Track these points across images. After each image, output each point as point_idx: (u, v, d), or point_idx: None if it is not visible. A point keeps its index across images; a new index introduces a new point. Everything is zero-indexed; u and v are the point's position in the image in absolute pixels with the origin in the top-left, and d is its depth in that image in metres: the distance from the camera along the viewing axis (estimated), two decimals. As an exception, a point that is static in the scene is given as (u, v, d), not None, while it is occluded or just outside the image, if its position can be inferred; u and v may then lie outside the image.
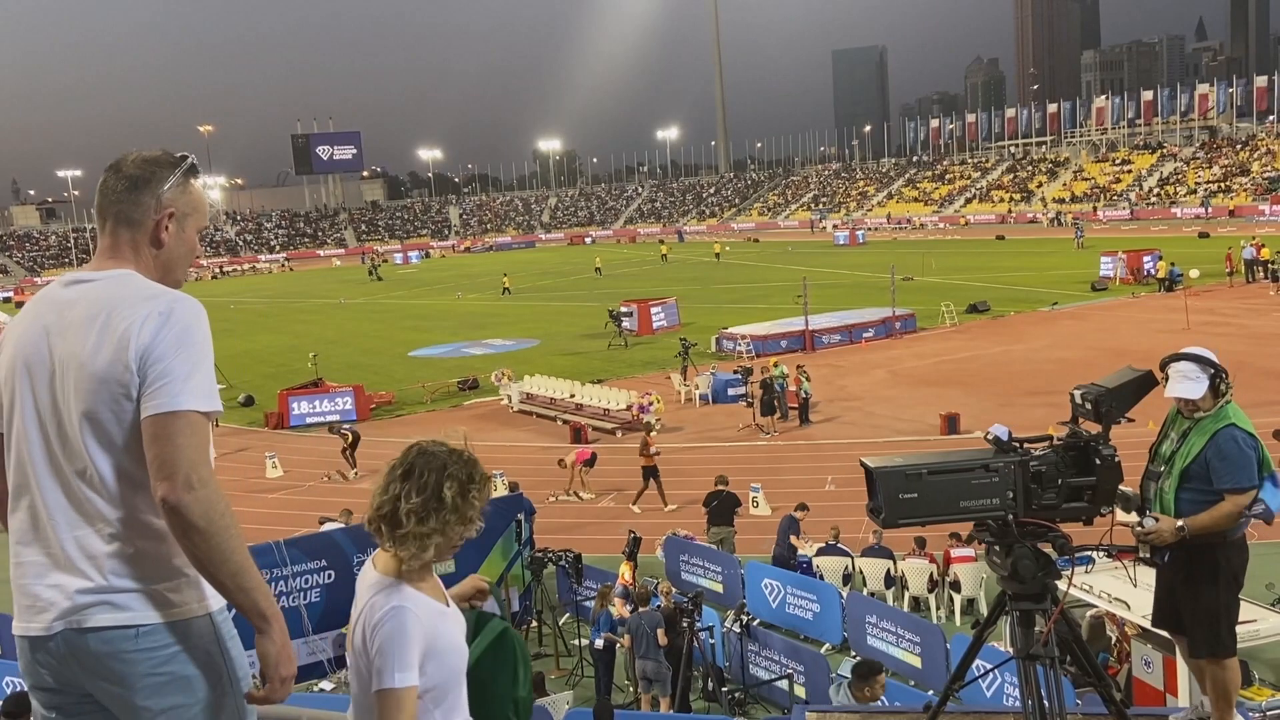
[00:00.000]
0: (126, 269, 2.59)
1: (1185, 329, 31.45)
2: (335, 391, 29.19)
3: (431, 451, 2.77)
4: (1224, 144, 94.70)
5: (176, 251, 2.67)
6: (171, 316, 2.47)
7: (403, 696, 2.57)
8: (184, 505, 2.35)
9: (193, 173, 2.68)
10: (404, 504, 2.66)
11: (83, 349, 2.46)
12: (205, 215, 2.76)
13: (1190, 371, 4.96)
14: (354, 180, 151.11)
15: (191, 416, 2.42)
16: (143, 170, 2.61)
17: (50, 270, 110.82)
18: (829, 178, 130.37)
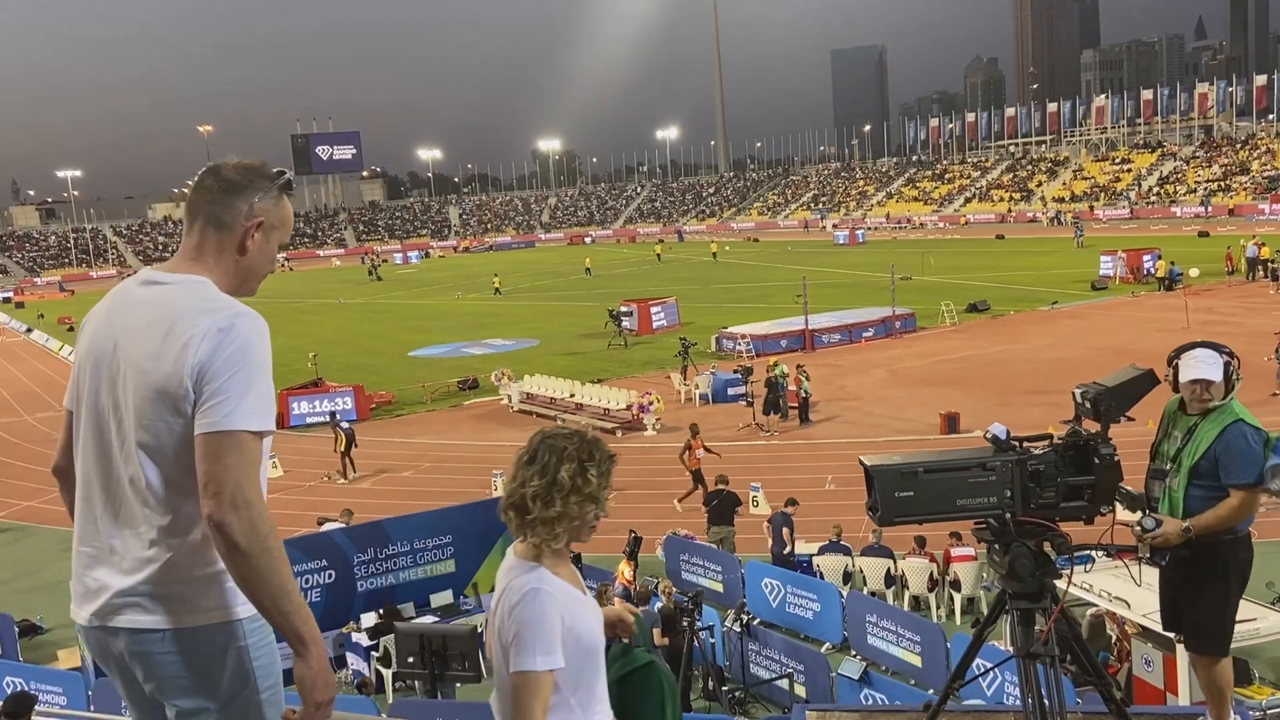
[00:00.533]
0: (201, 275, 2.60)
1: (1185, 328, 31.43)
2: (335, 391, 29.20)
3: (553, 435, 2.86)
4: (1223, 143, 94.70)
5: (258, 261, 2.71)
6: (231, 332, 2.48)
7: (540, 679, 2.62)
8: (228, 524, 2.37)
9: (287, 188, 2.73)
10: (528, 489, 2.76)
11: (144, 356, 2.48)
12: (289, 231, 2.79)
13: (1207, 357, 4.92)
14: (353, 180, 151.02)
15: (242, 436, 2.44)
16: (241, 176, 2.64)
17: (50, 270, 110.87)
18: (829, 177, 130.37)
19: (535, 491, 2.73)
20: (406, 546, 14.43)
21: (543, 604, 2.66)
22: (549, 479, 2.74)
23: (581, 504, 2.76)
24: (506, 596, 2.72)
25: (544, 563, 2.76)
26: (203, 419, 2.42)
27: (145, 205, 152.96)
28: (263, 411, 2.49)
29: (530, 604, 2.67)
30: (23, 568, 18.82)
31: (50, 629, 15.50)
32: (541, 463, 2.78)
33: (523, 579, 2.72)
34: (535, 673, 2.61)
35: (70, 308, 70.97)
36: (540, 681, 2.62)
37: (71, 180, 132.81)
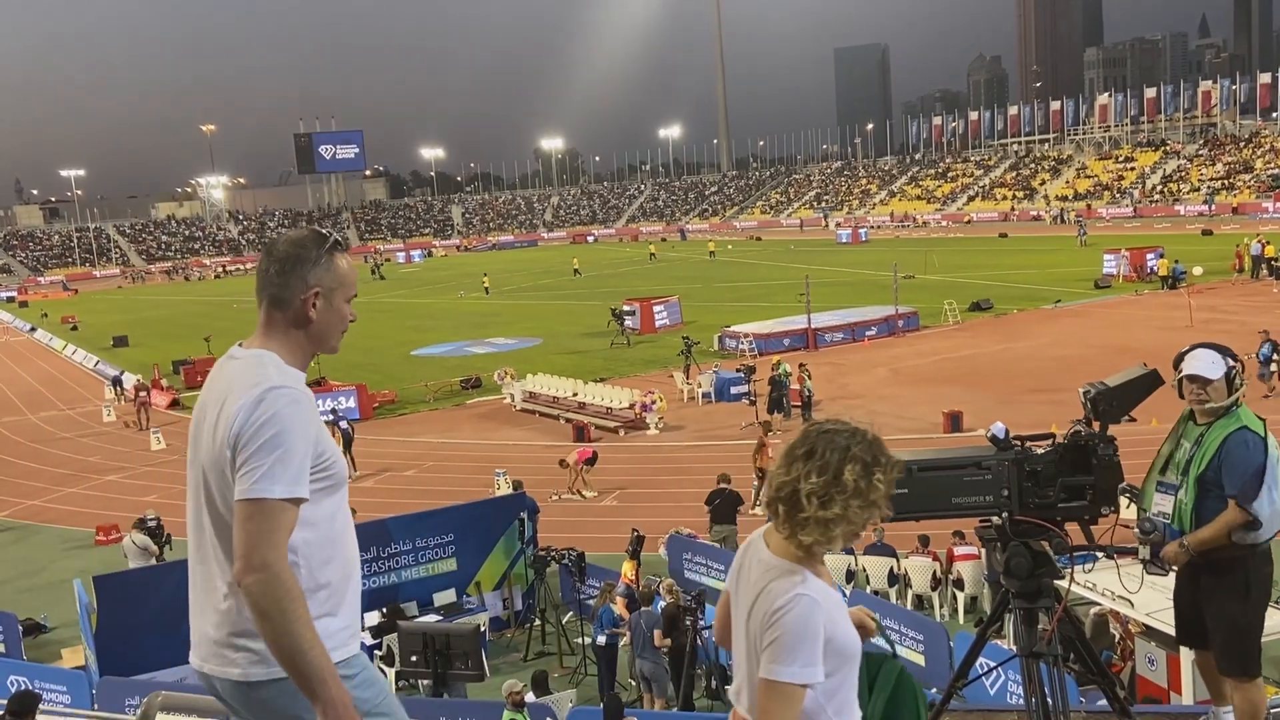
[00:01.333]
0: (267, 349, 2.77)
1: (1188, 326, 31.41)
2: (338, 390, 29.22)
3: (833, 431, 2.67)
4: (1227, 141, 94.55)
5: (327, 323, 2.83)
6: (260, 404, 2.61)
7: (796, 692, 2.52)
8: (245, 587, 2.54)
9: (336, 248, 2.83)
10: (804, 484, 2.59)
11: (208, 428, 2.70)
12: (353, 285, 2.89)
13: (1207, 356, 4.82)
14: (356, 179, 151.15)
15: (265, 503, 2.56)
16: (290, 251, 2.78)
17: (53, 270, 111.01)
18: (831, 176, 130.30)
19: (813, 489, 2.58)
20: (409, 545, 14.44)
21: (810, 613, 2.53)
22: (829, 477, 2.58)
23: (862, 509, 2.60)
24: (767, 598, 2.58)
25: (807, 565, 2.63)
26: (236, 487, 2.59)
27: (148, 204, 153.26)
28: (289, 479, 2.58)
29: (797, 612, 2.53)
30: (26, 566, 18.85)
31: (54, 628, 15.53)
32: (821, 459, 2.60)
33: (787, 581, 2.58)
34: (790, 685, 2.50)
35: (73, 307, 71.11)
36: (794, 694, 2.51)
37: (75, 179, 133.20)
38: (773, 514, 2.68)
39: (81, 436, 30.05)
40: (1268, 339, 23.63)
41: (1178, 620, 5.19)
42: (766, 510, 2.73)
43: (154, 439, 27.55)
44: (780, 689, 2.51)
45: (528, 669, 12.50)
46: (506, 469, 20.64)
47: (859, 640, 2.71)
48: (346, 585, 2.82)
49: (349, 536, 2.85)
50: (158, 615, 12.87)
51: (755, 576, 2.68)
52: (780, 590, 2.57)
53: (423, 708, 10.73)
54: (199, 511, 2.75)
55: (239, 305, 65.84)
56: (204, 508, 2.73)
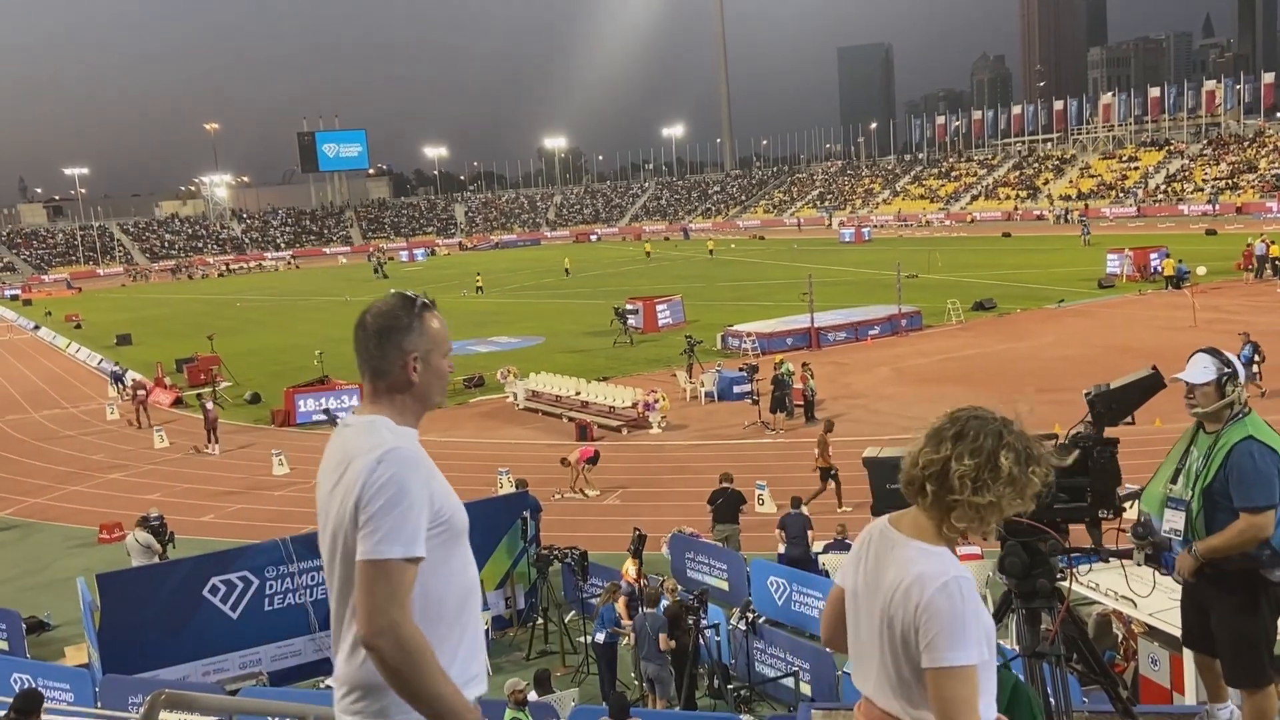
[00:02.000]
0: (377, 414, 2.86)
1: (1192, 326, 31.37)
2: (341, 389, 29.24)
3: (984, 416, 2.64)
4: (1231, 141, 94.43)
5: (428, 384, 2.91)
6: (379, 466, 2.69)
7: (971, 674, 2.49)
8: (373, 647, 2.62)
9: (426, 310, 2.90)
10: (955, 465, 2.56)
11: (330, 493, 2.80)
12: (447, 341, 2.96)
13: (1202, 360, 4.77)
14: (360, 178, 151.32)
15: (386, 564, 2.64)
16: (382, 322, 2.87)
17: (57, 268, 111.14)
18: (834, 175, 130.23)
19: (966, 472, 2.54)
20: (412, 544, 14.43)
21: (970, 594, 2.49)
22: (983, 461, 2.54)
23: (1013, 499, 2.56)
24: (920, 585, 2.52)
25: (949, 544, 2.60)
26: (359, 548, 2.68)
27: (152, 203, 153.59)
28: (407, 539, 2.66)
29: (957, 594, 2.49)
30: (30, 564, 18.88)
31: (57, 626, 15.55)
32: (974, 442, 2.56)
33: (937, 564, 2.54)
34: (966, 668, 2.46)
35: (77, 305, 71.19)
36: (973, 676, 2.48)
37: (79, 178, 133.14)
38: (916, 494, 2.64)
39: (85, 434, 30.08)
40: (1248, 340, 23.56)
41: (1185, 625, 5.13)
42: (906, 490, 2.68)
43: (157, 437, 27.58)
44: (958, 674, 2.48)
45: (530, 668, 12.50)
46: (509, 468, 20.65)
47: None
48: (464, 633, 2.87)
49: (467, 584, 2.91)
50: (161, 613, 12.90)
51: (893, 563, 2.63)
52: (934, 575, 2.53)
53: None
54: (330, 575, 2.85)
55: (242, 304, 65.92)
56: (335, 570, 2.81)
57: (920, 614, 2.51)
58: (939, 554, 2.59)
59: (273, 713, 8.29)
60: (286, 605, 13.63)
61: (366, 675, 2.73)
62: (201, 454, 26.10)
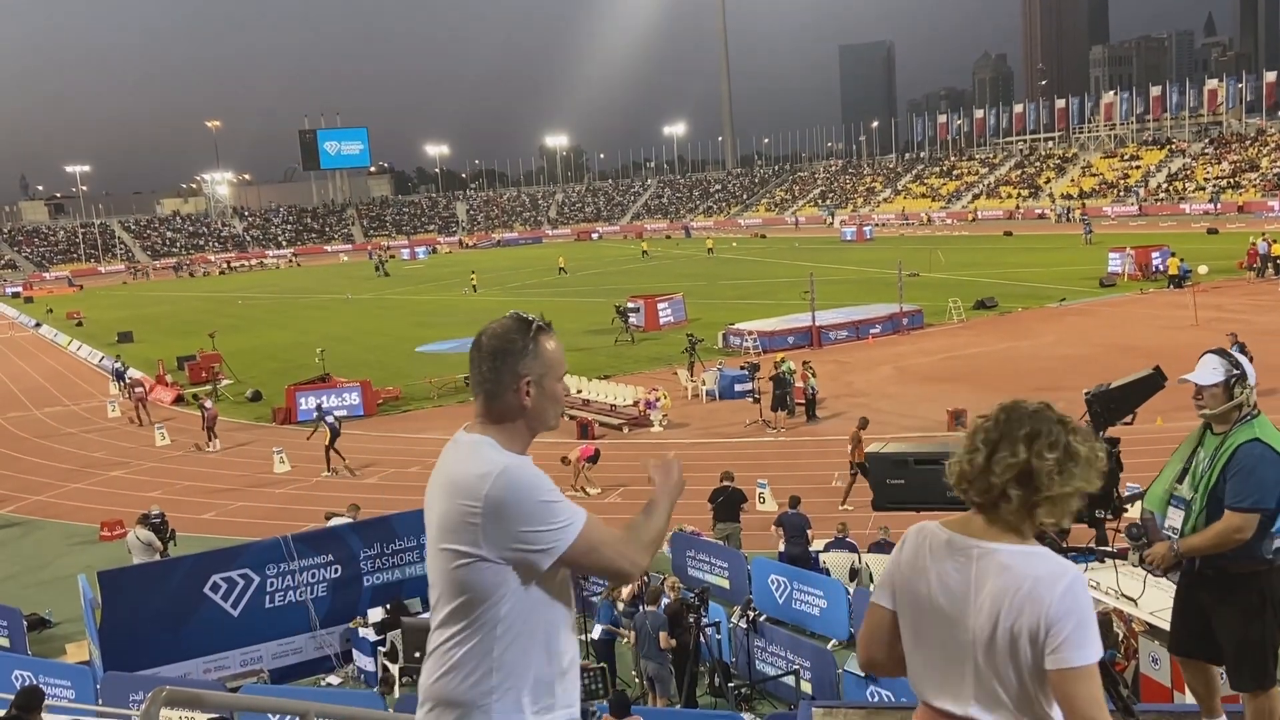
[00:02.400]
0: (487, 435, 2.85)
1: (1193, 325, 31.35)
2: (342, 387, 29.25)
3: (1036, 409, 2.64)
4: (1233, 139, 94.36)
5: (541, 406, 2.89)
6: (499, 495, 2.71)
7: (1096, 671, 2.49)
8: (644, 567, 2.85)
9: (541, 333, 2.89)
10: (1039, 463, 2.55)
11: (437, 513, 2.82)
12: (562, 365, 2.95)
13: (1211, 362, 4.72)
14: (361, 176, 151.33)
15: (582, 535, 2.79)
16: (496, 345, 2.86)
17: (59, 265, 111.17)
18: (836, 173, 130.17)
19: (1051, 468, 2.54)
20: (414, 542, 14.44)
21: (1085, 586, 2.51)
22: (1061, 453, 2.55)
23: (1093, 480, 2.59)
24: (1044, 586, 2.49)
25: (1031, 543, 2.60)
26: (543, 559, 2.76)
27: (154, 201, 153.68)
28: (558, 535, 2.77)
29: (1082, 592, 2.49)
30: (32, 562, 18.90)
31: (59, 623, 15.57)
32: (1049, 437, 2.57)
33: (1054, 565, 2.52)
34: (1092, 665, 2.48)
35: (79, 303, 71.20)
36: (1096, 673, 2.49)
37: (80, 175, 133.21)
38: (997, 499, 2.59)
39: (86, 432, 30.10)
40: (1236, 341, 23.49)
41: (1181, 630, 5.07)
42: (982, 498, 2.62)
43: (158, 434, 27.60)
44: (1088, 672, 2.48)
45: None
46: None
47: None
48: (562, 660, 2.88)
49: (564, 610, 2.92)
50: (162, 611, 12.91)
51: (991, 570, 2.57)
52: (1055, 574, 2.51)
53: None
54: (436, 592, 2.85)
55: (244, 301, 65.94)
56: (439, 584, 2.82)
57: (1051, 615, 2.48)
58: (1043, 554, 2.58)
59: (274, 710, 8.30)
60: (287, 603, 13.63)
61: (447, 690, 2.77)
62: (202, 452, 26.12)
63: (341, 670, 13.67)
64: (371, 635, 13.35)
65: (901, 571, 2.74)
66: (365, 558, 14.14)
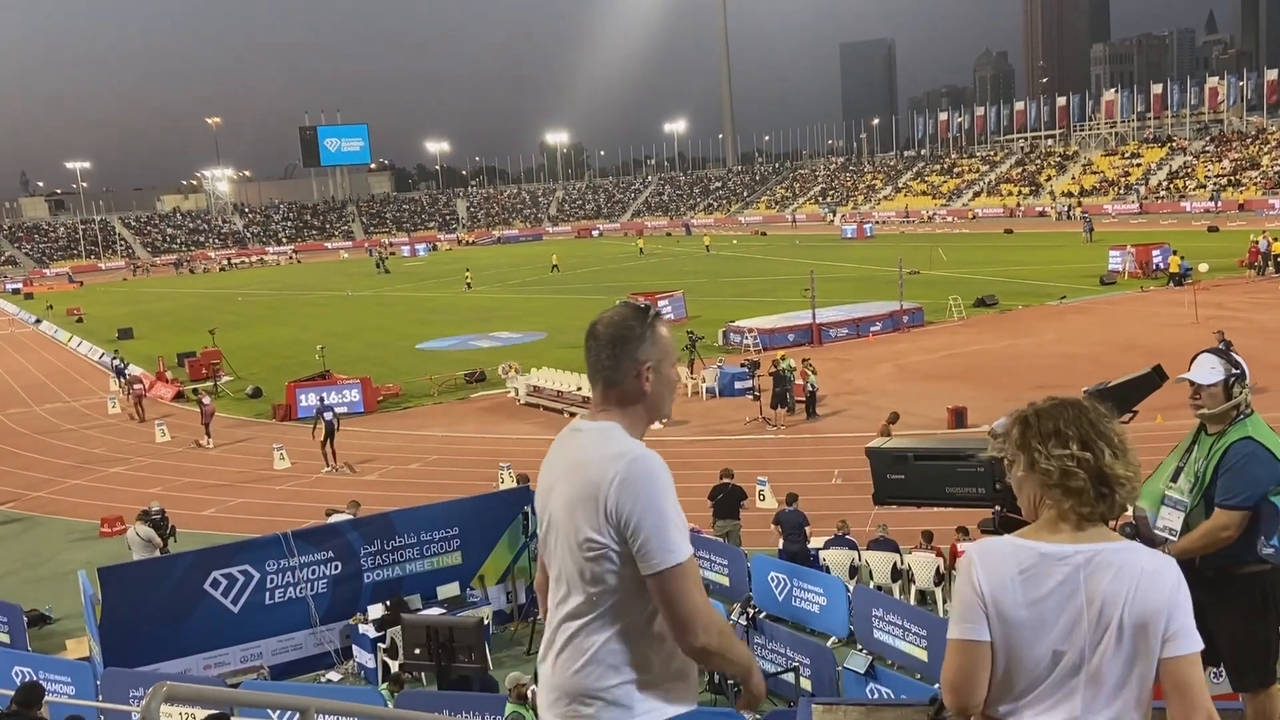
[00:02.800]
0: (610, 421, 2.87)
1: (1194, 323, 31.36)
2: (342, 383, 29.25)
3: (1077, 406, 2.64)
4: (1234, 137, 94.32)
5: (660, 392, 2.91)
6: (633, 482, 2.69)
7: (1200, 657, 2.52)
8: (704, 647, 2.65)
9: (658, 320, 2.95)
10: (1108, 459, 2.56)
11: (565, 500, 2.81)
12: (675, 350, 3.00)
13: (1210, 361, 4.69)
14: (361, 173, 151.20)
15: (678, 570, 2.65)
16: (615, 332, 2.93)
17: (59, 262, 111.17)
18: (836, 171, 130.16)
19: (1114, 460, 2.56)
20: (413, 539, 14.47)
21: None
22: (1114, 443, 2.57)
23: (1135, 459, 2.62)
24: (1156, 577, 2.49)
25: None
26: (643, 564, 2.67)
27: (154, 197, 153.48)
28: (678, 537, 2.68)
29: (1182, 578, 2.52)
30: (32, 558, 18.91)
31: (59, 619, 15.58)
32: (1104, 438, 2.58)
33: (1155, 556, 2.53)
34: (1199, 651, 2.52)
35: (79, 299, 71.21)
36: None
37: (80, 172, 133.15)
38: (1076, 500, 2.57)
39: (86, 428, 30.11)
40: (1223, 339, 23.46)
41: None
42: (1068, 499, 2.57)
43: (158, 431, 27.61)
44: (1199, 658, 2.51)
45: (531, 662, 12.51)
46: (510, 463, 20.66)
47: None
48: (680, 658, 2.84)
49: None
50: (162, 607, 12.93)
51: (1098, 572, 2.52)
52: (1159, 567, 2.52)
53: (426, 699, 10.77)
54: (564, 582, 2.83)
55: (244, 298, 65.93)
56: (567, 576, 2.81)
57: (1170, 605, 2.49)
58: (1138, 548, 2.58)
59: (274, 705, 8.31)
60: (287, 599, 13.66)
61: (583, 684, 2.76)
62: (202, 448, 26.14)
63: (341, 666, 13.68)
64: (372, 632, 13.36)
65: (994, 596, 2.60)
66: (365, 554, 14.16)
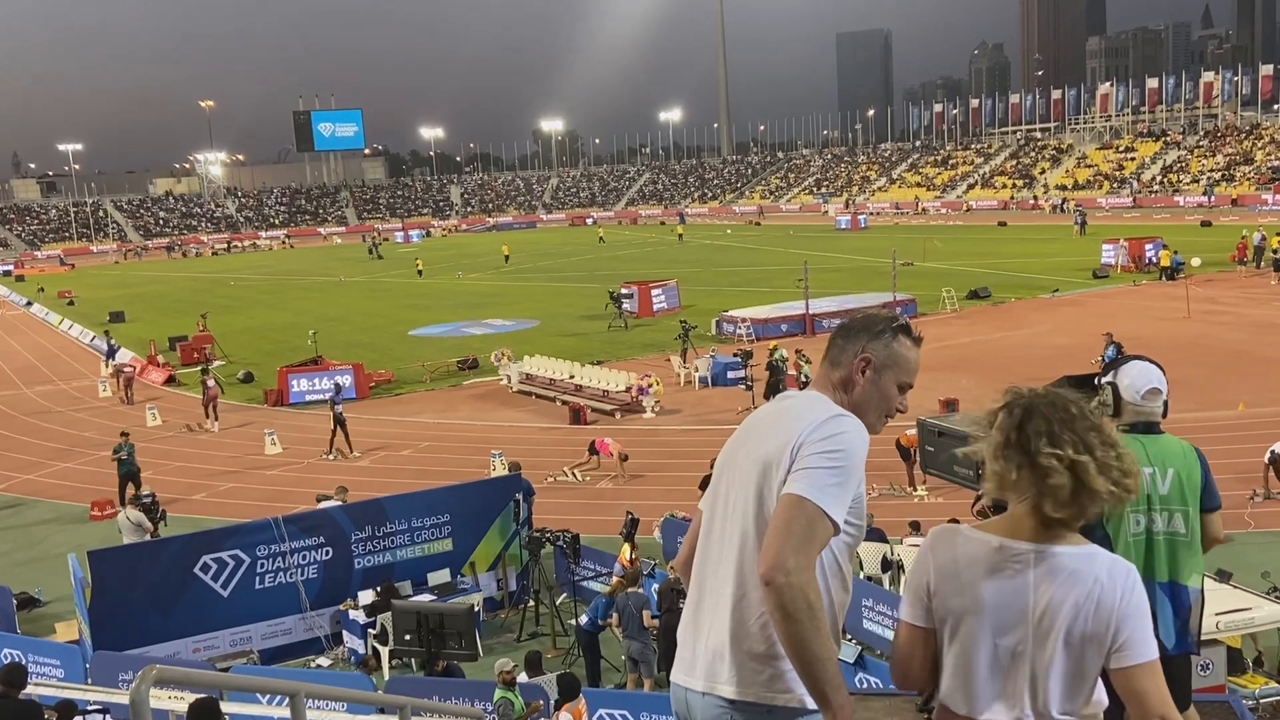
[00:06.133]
0: (820, 394, 2.86)
1: (1186, 317, 31.46)
2: (335, 369, 29.19)
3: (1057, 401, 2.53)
4: (1228, 132, 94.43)
5: (868, 395, 2.85)
6: (832, 423, 2.69)
7: (1159, 666, 2.49)
8: (775, 585, 2.50)
9: (904, 332, 2.89)
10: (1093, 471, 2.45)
11: (759, 443, 2.78)
12: (909, 372, 2.89)
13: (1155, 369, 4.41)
14: (355, 158, 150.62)
15: (809, 505, 2.57)
16: (859, 323, 2.91)
17: (50, 244, 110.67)
18: (831, 161, 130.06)
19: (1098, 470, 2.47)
20: (404, 525, 14.47)
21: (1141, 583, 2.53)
22: (1106, 452, 2.47)
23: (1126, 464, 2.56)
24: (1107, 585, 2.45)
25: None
26: (788, 483, 2.63)
27: (146, 180, 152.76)
28: (835, 496, 2.60)
29: (1141, 586, 2.49)
30: (22, 540, 18.87)
31: (48, 602, 15.55)
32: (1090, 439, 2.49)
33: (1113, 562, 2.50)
34: (1157, 660, 2.49)
35: (70, 281, 70.91)
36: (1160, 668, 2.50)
37: (72, 154, 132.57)
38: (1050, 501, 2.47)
39: (77, 411, 30.03)
40: (1111, 341, 23.50)
41: None
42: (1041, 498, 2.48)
43: (149, 415, 27.53)
44: (1155, 667, 2.47)
45: (521, 649, 12.54)
46: (502, 450, 20.65)
47: None
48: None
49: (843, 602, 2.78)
50: (152, 591, 12.92)
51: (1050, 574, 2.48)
52: (1115, 574, 2.47)
53: (415, 685, 10.78)
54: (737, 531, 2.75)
55: (236, 282, 65.75)
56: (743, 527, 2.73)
57: (1120, 614, 2.46)
58: (1099, 552, 2.52)
59: (263, 690, 8.31)
60: (277, 584, 13.66)
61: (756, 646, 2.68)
62: (194, 433, 26.07)
63: (331, 652, 13.69)
64: (362, 617, 13.37)
65: (938, 584, 2.60)
66: (356, 540, 14.16)
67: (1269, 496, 16.15)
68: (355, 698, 7.20)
